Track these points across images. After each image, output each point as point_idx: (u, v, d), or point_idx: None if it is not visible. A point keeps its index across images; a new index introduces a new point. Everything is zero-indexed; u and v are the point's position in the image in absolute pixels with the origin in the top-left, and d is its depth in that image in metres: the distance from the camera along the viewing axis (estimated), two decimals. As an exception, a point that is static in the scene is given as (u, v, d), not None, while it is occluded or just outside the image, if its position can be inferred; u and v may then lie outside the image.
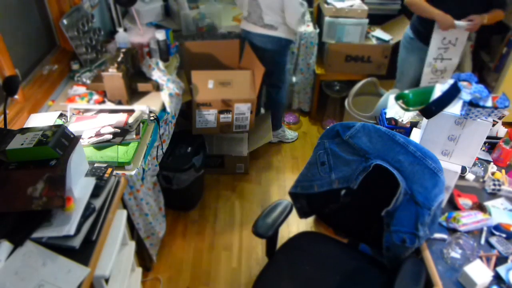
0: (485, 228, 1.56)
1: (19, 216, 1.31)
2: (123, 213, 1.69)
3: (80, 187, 1.43)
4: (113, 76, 2.01)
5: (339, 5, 3.03)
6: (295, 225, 2.57)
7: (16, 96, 1.88)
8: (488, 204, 1.66)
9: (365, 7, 3.03)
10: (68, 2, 2.35)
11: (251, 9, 2.64)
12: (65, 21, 2.24)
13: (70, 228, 1.29)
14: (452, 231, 1.54)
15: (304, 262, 1.70)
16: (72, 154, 1.36)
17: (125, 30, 2.59)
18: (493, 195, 1.74)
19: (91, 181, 1.47)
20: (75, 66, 2.35)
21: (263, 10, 2.58)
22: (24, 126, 1.83)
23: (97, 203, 1.43)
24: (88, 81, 2.22)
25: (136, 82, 2.17)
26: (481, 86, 1.52)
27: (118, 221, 1.63)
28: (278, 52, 2.76)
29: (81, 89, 2.18)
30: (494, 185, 1.74)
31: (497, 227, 1.55)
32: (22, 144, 1.30)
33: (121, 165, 1.72)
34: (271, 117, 3.13)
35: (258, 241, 2.48)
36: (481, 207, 1.62)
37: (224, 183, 2.94)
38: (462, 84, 1.53)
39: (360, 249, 1.84)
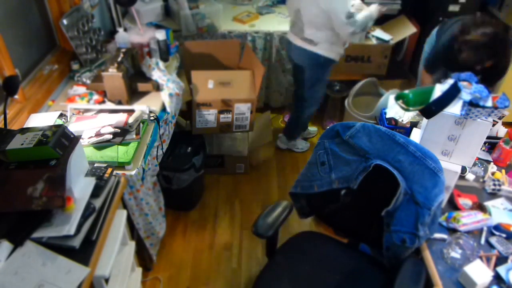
0: (485, 228, 1.56)
1: (19, 216, 1.31)
2: (123, 213, 1.69)
3: (80, 187, 1.43)
4: (113, 76, 2.01)
5: (339, 5, 3.02)
6: (295, 225, 2.57)
7: (16, 96, 1.88)
8: (488, 204, 1.66)
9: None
10: (68, 2, 2.35)
11: (295, 19, 2.53)
12: (65, 21, 2.24)
13: (70, 228, 1.29)
14: (452, 231, 1.54)
15: (304, 262, 1.70)
16: (72, 154, 1.36)
17: (125, 30, 2.59)
18: (493, 195, 1.74)
19: (91, 181, 1.47)
20: (75, 66, 2.35)
21: (305, 24, 2.46)
22: (24, 126, 1.83)
23: (97, 203, 1.43)
24: (88, 81, 2.22)
25: (136, 82, 2.17)
26: (481, 86, 1.52)
27: (118, 221, 1.63)
28: (312, 69, 2.63)
29: (81, 89, 2.18)
30: (494, 185, 1.74)
31: (497, 227, 1.55)
32: (22, 144, 1.30)
33: (121, 165, 1.72)
34: (287, 126, 3.12)
35: (258, 241, 2.48)
36: (481, 207, 1.62)
37: (224, 183, 2.94)
38: (462, 84, 1.53)
39: (360, 249, 1.84)
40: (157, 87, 2.20)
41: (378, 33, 3.23)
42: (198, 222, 2.63)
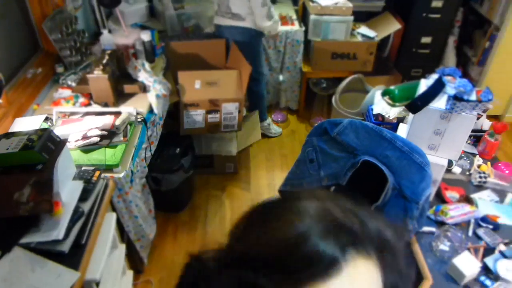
0: (472, 220, 1.58)
1: (6, 222, 1.29)
2: (113, 216, 1.68)
3: (67, 191, 1.42)
4: (98, 78, 2.00)
5: (324, 2, 3.04)
6: (286, 223, 2.57)
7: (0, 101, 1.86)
8: (475, 196, 1.69)
9: (350, 4, 3.04)
10: (50, 4, 2.31)
11: (220, 1, 2.63)
12: (48, 24, 2.21)
13: (59, 233, 1.28)
14: (440, 224, 1.57)
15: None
16: (58, 158, 1.34)
17: (110, 31, 2.56)
18: (480, 187, 1.77)
19: (79, 185, 1.46)
20: (59, 69, 2.32)
21: (230, 0, 2.57)
22: (9, 131, 1.80)
23: (86, 206, 1.42)
24: (74, 84, 2.20)
25: (122, 83, 2.15)
26: (465, 80, 1.54)
27: (108, 224, 1.62)
28: (249, 44, 2.73)
29: (67, 92, 2.15)
30: (480, 177, 1.77)
31: (484, 219, 1.57)
32: (7, 149, 1.28)
33: (109, 168, 1.71)
34: (251, 107, 3.14)
35: (249, 240, 2.48)
36: (468, 200, 1.65)
37: (213, 183, 2.93)
38: (446, 78, 1.55)
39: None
40: (144, 89, 2.19)
41: (363, 30, 3.25)
42: (188, 223, 2.62)
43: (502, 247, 1.46)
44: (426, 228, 1.54)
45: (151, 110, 2.13)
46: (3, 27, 2.08)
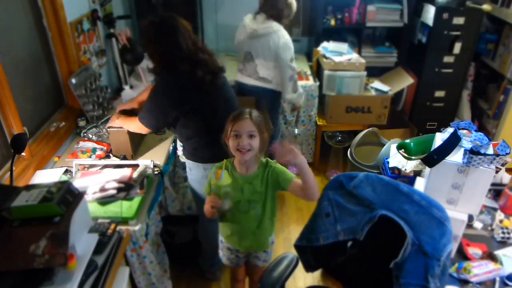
0: (497, 279, 1.51)
1: (21, 275, 1.29)
2: (126, 271, 1.66)
3: (83, 243, 1.41)
4: (118, 131, 2.06)
5: (337, 59, 3.14)
6: (302, 279, 2.50)
7: (23, 153, 1.91)
8: (499, 253, 1.63)
9: (363, 60, 3.13)
10: (77, 62, 2.44)
11: (246, 63, 2.79)
12: (73, 80, 2.32)
13: (72, 286, 1.26)
14: (464, 282, 1.50)
15: (312, 318, 1.64)
16: (76, 211, 1.36)
17: (131, 87, 2.67)
18: (503, 243, 1.71)
19: (94, 238, 1.46)
20: (81, 123, 2.41)
21: (257, 65, 2.74)
22: (30, 183, 1.84)
23: (100, 260, 1.41)
24: (94, 137, 2.26)
25: (140, 136, 2.21)
26: (481, 134, 1.54)
27: (120, 279, 1.60)
28: (271, 102, 2.90)
29: (87, 145, 2.21)
30: (503, 233, 1.71)
31: (510, 277, 1.50)
32: (27, 201, 1.31)
33: (124, 220, 1.71)
34: None
35: (264, 297, 2.39)
36: (491, 257, 1.59)
37: (228, 237, 2.88)
38: (462, 132, 1.55)
39: (370, 304, 1.77)
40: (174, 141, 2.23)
41: (377, 84, 3.31)
42: (202, 278, 2.56)
43: (531, 309, 1.39)
44: (449, 287, 1.48)
45: (168, 162, 2.16)
46: (32, 84, 2.19)
